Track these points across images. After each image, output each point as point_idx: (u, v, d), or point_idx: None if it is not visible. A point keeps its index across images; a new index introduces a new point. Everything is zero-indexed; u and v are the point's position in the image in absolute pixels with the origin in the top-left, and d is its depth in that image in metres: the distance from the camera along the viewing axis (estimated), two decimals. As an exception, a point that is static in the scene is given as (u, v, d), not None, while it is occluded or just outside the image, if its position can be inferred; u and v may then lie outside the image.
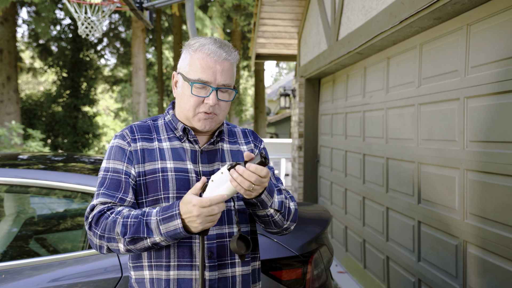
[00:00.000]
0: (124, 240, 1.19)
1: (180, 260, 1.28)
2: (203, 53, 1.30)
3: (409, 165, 3.21)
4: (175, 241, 1.21)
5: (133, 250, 1.22)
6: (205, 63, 1.29)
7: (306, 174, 5.88)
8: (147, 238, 1.18)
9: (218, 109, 1.33)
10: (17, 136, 9.53)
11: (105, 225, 1.22)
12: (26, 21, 17.33)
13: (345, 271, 4.60)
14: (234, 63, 1.35)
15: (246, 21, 14.98)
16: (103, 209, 1.25)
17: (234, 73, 1.37)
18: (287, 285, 2.00)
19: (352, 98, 4.46)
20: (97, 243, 1.25)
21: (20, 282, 1.89)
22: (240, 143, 1.47)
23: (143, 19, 4.26)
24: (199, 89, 1.30)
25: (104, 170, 1.32)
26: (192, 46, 1.33)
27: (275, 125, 20.56)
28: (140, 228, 1.18)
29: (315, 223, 2.43)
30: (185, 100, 1.33)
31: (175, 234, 1.16)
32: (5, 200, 2.36)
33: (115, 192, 1.28)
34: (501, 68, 2.24)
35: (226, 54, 1.31)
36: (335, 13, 4.42)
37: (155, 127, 1.40)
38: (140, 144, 1.34)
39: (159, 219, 1.17)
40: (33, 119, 15.80)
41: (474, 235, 2.44)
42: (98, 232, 1.23)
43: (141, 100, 12.40)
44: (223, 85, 1.31)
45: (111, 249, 1.24)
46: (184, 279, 1.28)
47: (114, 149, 1.34)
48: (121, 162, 1.31)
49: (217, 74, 1.29)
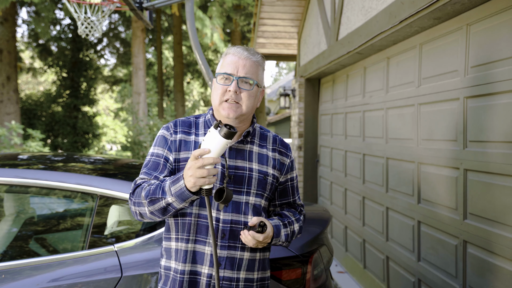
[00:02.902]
0: (146, 202, 1.43)
1: (197, 236, 1.53)
2: (230, 54, 1.56)
3: (409, 165, 3.21)
4: (185, 203, 1.39)
5: (155, 213, 1.45)
6: (230, 59, 1.54)
7: (306, 174, 5.88)
8: (162, 199, 1.40)
9: (240, 98, 1.52)
10: (17, 136, 9.53)
11: (137, 193, 1.48)
12: (26, 21, 17.33)
13: (345, 271, 4.60)
14: (257, 62, 1.56)
15: (246, 21, 14.98)
16: (140, 182, 1.51)
17: (258, 72, 1.57)
18: (287, 285, 2.00)
19: (352, 98, 4.46)
20: (133, 210, 1.52)
21: (20, 282, 1.89)
22: (268, 148, 1.65)
23: (143, 19, 4.26)
24: (224, 79, 1.53)
25: (150, 155, 1.59)
26: (224, 53, 1.60)
27: (275, 125, 20.56)
28: (157, 190, 1.41)
29: (315, 223, 2.43)
30: (214, 92, 1.56)
31: (182, 193, 1.36)
32: (5, 200, 2.36)
33: (153, 171, 1.54)
34: (500, 68, 2.24)
35: (248, 53, 1.55)
36: (335, 13, 4.42)
37: (196, 123, 1.63)
38: (180, 136, 1.58)
39: (170, 182, 1.39)
40: (33, 119, 15.80)
41: (474, 235, 2.44)
42: (133, 200, 1.49)
43: (141, 100, 12.40)
44: (244, 77, 1.52)
45: (142, 214, 1.49)
46: (198, 251, 1.52)
47: (159, 138, 1.60)
48: (163, 149, 1.57)
49: (239, 67, 1.52)
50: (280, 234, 1.55)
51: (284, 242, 1.60)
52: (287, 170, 1.66)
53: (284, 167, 1.65)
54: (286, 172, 1.66)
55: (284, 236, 1.58)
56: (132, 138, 11.26)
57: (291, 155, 1.70)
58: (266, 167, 1.59)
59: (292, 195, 1.71)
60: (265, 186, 1.58)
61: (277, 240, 1.56)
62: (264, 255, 1.62)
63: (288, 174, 1.67)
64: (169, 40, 21.77)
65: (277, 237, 1.55)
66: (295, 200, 1.72)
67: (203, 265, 1.51)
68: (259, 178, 1.56)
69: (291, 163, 1.69)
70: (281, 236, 1.56)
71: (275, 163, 1.62)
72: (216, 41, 12.22)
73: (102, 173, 2.36)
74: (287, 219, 1.64)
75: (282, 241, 1.58)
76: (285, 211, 1.70)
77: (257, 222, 1.48)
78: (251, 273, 1.56)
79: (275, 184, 1.62)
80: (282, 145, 1.69)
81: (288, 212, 1.68)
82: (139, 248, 2.01)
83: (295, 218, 1.67)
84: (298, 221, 1.67)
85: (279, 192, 1.68)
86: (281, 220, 1.61)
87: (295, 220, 1.66)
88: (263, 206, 1.60)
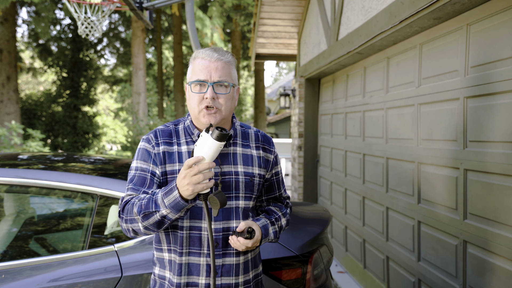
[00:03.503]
0: (140, 218, 1.39)
1: (191, 248, 1.50)
2: (199, 58, 1.51)
3: (409, 165, 3.21)
4: (180, 213, 1.36)
5: (149, 228, 1.41)
6: (201, 64, 1.49)
7: (306, 174, 5.88)
8: (156, 212, 1.36)
9: (219, 103, 1.48)
10: (17, 136, 9.53)
11: (128, 210, 1.44)
12: (26, 21, 17.32)
13: (345, 271, 4.60)
14: (229, 62, 1.51)
15: (246, 21, 14.98)
16: (128, 199, 1.47)
17: (231, 72, 1.52)
18: (287, 285, 2.00)
19: (352, 98, 4.46)
20: (124, 227, 1.47)
21: (20, 282, 1.89)
22: (251, 147, 1.63)
23: (143, 19, 4.26)
24: (198, 87, 1.48)
25: (133, 169, 1.54)
26: (192, 57, 1.54)
27: (275, 125, 20.56)
28: (149, 204, 1.37)
29: (315, 223, 2.43)
30: (191, 101, 1.51)
31: (176, 203, 1.33)
32: (5, 200, 2.36)
33: (140, 187, 1.49)
34: (501, 68, 2.24)
35: (218, 55, 1.50)
36: (335, 13, 4.42)
37: (176, 131, 1.58)
38: (162, 147, 1.53)
39: (163, 194, 1.36)
40: (33, 119, 15.79)
41: (474, 235, 2.44)
42: (124, 217, 1.45)
43: (141, 100, 12.39)
44: (219, 81, 1.47)
45: (135, 230, 1.45)
46: (193, 263, 1.51)
47: (141, 151, 1.55)
48: (147, 163, 1.52)
49: (212, 72, 1.47)
50: (268, 233, 1.57)
51: (273, 239, 1.62)
52: (272, 166, 1.66)
53: (269, 164, 1.65)
54: (271, 168, 1.66)
55: (273, 233, 1.60)
56: (132, 138, 11.27)
57: (274, 150, 1.69)
58: (251, 168, 1.58)
59: (278, 189, 1.71)
60: (253, 187, 1.57)
61: (267, 239, 1.57)
62: (255, 252, 1.63)
63: (273, 170, 1.67)
64: (169, 40, 21.77)
65: (266, 237, 1.56)
66: (281, 193, 1.73)
67: (200, 275, 1.50)
68: (246, 181, 1.55)
69: (275, 158, 1.68)
70: (269, 235, 1.58)
71: (260, 161, 1.61)
72: (216, 41, 12.22)
73: (102, 173, 2.36)
74: (274, 215, 1.64)
75: (271, 238, 1.60)
76: (271, 206, 1.70)
77: (245, 228, 1.47)
78: (247, 274, 1.57)
79: (262, 183, 1.62)
80: (265, 141, 1.67)
81: (274, 208, 1.69)
82: (139, 248, 2.01)
83: (282, 213, 1.68)
84: (285, 215, 1.69)
85: (265, 188, 1.68)
86: (268, 218, 1.62)
87: (282, 215, 1.68)
88: (251, 207, 1.60)
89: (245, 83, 30.37)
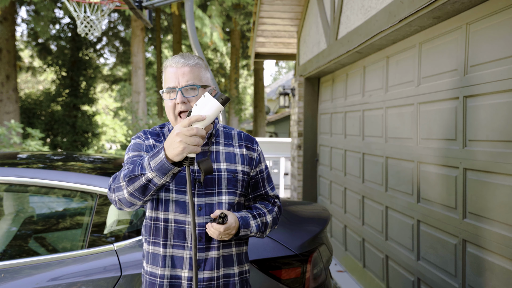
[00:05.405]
0: (125, 183, 1.38)
1: (175, 240, 1.54)
2: (168, 66, 1.56)
3: (409, 164, 3.21)
4: (166, 177, 1.35)
5: (134, 194, 1.39)
6: (169, 72, 1.55)
7: (306, 173, 5.88)
8: (141, 176, 1.35)
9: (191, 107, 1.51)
10: (16, 135, 9.53)
11: (117, 177, 1.44)
12: (25, 20, 17.30)
13: (345, 270, 4.60)
14: (196, 65, 1.56)
15: (246, 20, 14.96)
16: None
17: (200, 75, 1.56)
18: (286, 284, 2.00)
19: (352, 97, 4.46)
20: (112, 198, 1.47)
21: (20, 281, 1.89)
22: (234, 146, 1.66)
23: (143, 18, 4.26)
24: (168, 94, 1.55)
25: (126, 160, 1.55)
26: (163, 66, 1.60)
27: (275, 124, 20.57)
28: (135, 168, 1.38)
29: (314, 222, 2.43)
30: (166, 110, 1.57)
31: (162, 166, 1.32)
32: (5, 199, 2.36)
33: None
34: (500, 67, 2.24)
35: (185, 60, 1.54)
36: (334, 12, 4.42)
37: (162, 133, 1.65)
38: (152, 140, 1.60)
39: (149, 156, 1.36)
40: (32, 118, 15.78)
41: (473, 234, 2.44)
42: (112, 186, 1.44)
43: (140, 99, 12.39)
44: (186, 85, 1.52)
45: (120, 200, 1.43)
46: (177, 256, 1.54)
47: (132, 145, 1.60)
48: (139, 152, 1.56)
49: (179, 77, 1.53)
50: (249, 225, 1.57)
51: (257, 233, 1.61)
52: (256, 163, 1.68)
53: (253, 161, 1.67)
54: (255, 166, 1.68)
55: (255, 227, 1.59)
56: (131, 137, 11.26)
57: (257, 148, 1.71)
58: (234, 165, 1.61)
59: (263, 187, 1.72)
60: (236, 183, 1.59)
61: (247, 230, 1.56)
62: (239, 249, 1.63)
63: (257, 167, 1.69)
64: (169, 39, 21.75)
65: (246, 228, 1.55)
66: (267, 191, 1.74)
67: (183, 268, 1.53)
68: (228, 177, 1.57)
69: (259, 156, 1.70)
70: (251, 227, 1.57)
71: (243, 159, 1.64)
72: (216, 40, 12.22)
73: (101, 172, 2.36)
74: (258, 210, 1.65)
75: (254, 231, 1.59)
76: (257, 204, 1.71)
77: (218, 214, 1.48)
78: (230, 268, 1.59)
79: (246, 179, 1.64)
80: (247, 140, 1.70)
81: (259, 205, 1.70)
82: (138, 247, 2.01)
83: (267, 209, 1.68)
84: (271, 212, 1.69)
85: (251, 186, 1.69)
86: (250, 212, 1.63)
87: (267, 211, 1.67)
88: (236, 203, 1.61)
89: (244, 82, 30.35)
